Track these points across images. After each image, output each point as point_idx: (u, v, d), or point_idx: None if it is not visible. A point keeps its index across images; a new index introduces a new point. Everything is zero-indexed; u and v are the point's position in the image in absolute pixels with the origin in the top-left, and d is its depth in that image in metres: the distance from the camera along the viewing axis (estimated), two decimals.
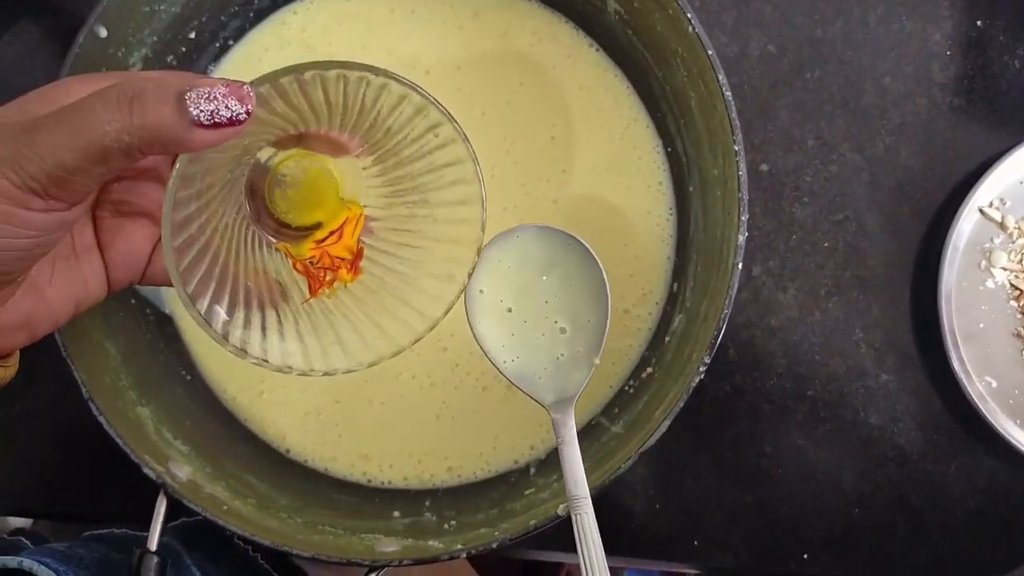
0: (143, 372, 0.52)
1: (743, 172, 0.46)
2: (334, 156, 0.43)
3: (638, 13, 0.51)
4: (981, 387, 0.57)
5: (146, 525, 0.46)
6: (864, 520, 0.59)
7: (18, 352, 0.39)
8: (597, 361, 0.44)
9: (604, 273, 0.44)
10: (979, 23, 0.60)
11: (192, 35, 0.54)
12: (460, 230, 0.41)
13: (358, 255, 0.42)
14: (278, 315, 0.40)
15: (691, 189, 0.54)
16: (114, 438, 0.46)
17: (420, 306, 0.41)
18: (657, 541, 0.58)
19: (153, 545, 0.45)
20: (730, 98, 0.46)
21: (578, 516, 0.40)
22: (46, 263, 0.36)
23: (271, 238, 0.42)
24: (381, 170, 0.42)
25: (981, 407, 0.56)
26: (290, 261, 0.42)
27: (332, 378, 0.55)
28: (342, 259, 0.42)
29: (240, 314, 0.39)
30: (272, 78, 0.34)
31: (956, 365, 0.56)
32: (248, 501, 0.50)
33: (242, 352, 0.38)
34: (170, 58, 0.54)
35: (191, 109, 0.29)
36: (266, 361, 0.38)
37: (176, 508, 0.46)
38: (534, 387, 0.44)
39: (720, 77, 0.46)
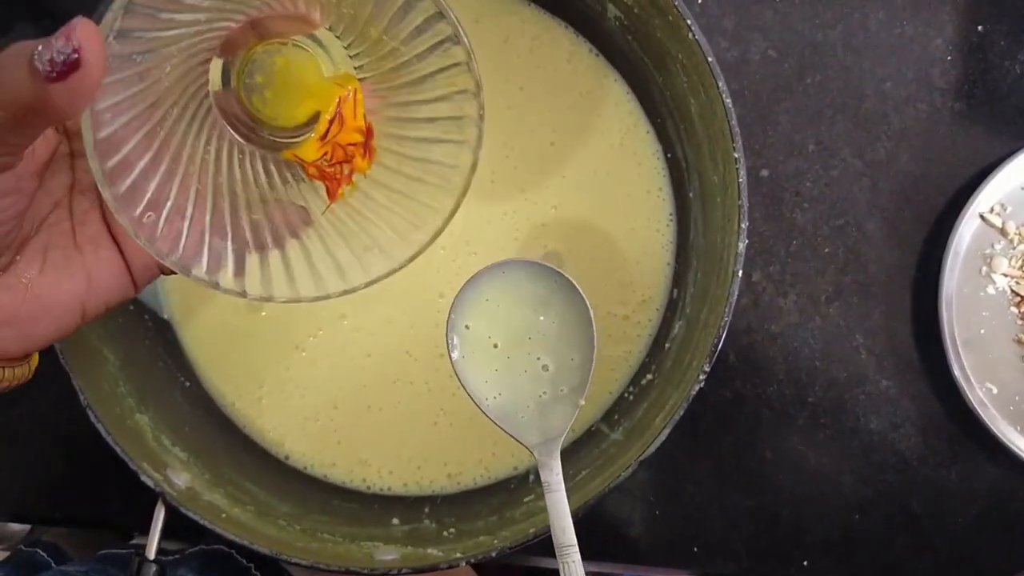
0: (142, 379, 0.52)
1: (743, 179, 0.46)
2: (303, 33, 0.37)
3: (638, 19, 0.51)
4: (982, 393, 0.57)
5: (146, 532, 0.46)
6: (865, 526, 0.58)
7: (34, 356, 0.37)
8: (582, 402, 0.42)
9: (591, 312, 0.42)
10: (980, 28, 0.60)
11: None
12: (456, 84, 0.36)
13: (369, 134, 0.37)
14: (299, 242, 0.36)
15: (691, 195, 0.54)
16: (112, 446, 0.45)
17: (442, 179, 0.37)
18: (657, 547, 0.58)
19: (151, 553, 0.45)
20: (730, 105, 0.46)
21: (566, 565, 0.39)
22: (34, 252, 0.34)
23: (274, 153, 0.38)
24: (354, 33, 0.37)
25: (982, 413, 0.56)
26: (302, 171, 0.38)
27: (330, 383, 0.55)
28: (354, 145, 0.37)
29: (254, 258, 0.35)
30: None
31: (957, 371, 0.56)
32: (247, 508, 0.50)
33: (265, 298, 0.34)
34: None
35: (36, 64, 0.26)
36: (297, 299, 0.34)
37: (176, 515, 0.46)
38: (518, 427, 0.42)
39: (720, 84, 0.46)
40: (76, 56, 0.26)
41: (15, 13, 0.60)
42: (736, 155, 0.46)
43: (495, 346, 0.43)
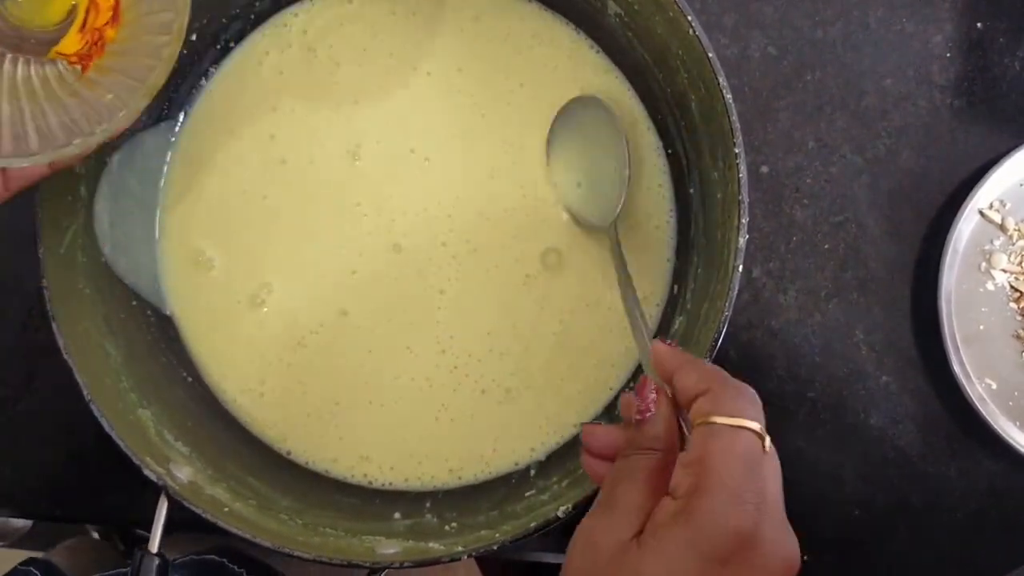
0: (144, 374, 0.52)
1: (743, 174, 0.46)
2: None
3: (638, 15, 0.51)
4: (981, 389, 0.57)
5: (147, 528, 0.46)
6: (865, 521, 0.59)
7: None
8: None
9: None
10: (979, 25, 0.60)
11: (193, 37, 0.54)
12: None
13: (116, 7, 0.39)
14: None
15: (691, 191, 0.54)
16: (115, 440, 0.46)
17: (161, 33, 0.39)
18: None
19: (154, 547, 0.45)
20: (730, 101, 0.46)
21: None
22: None
23: (39, 58, 0.40)
24: None
25: (981, 409, 0.56)
26: (66, 62, 0.40)
27: (331, 379, 0.56)
28: (107, 23, 0.39)
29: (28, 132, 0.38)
30: None
31: (956, 367, 0.56)
32: (249, 503, 0.50)
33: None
34: None
35: None
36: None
37: (178, 511, 0.46)
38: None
39: (720, 80, 0.46)
40: None
41: None
42: (736, 151, 0.46)
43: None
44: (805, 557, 0.58)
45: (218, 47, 0.57)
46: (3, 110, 0.38)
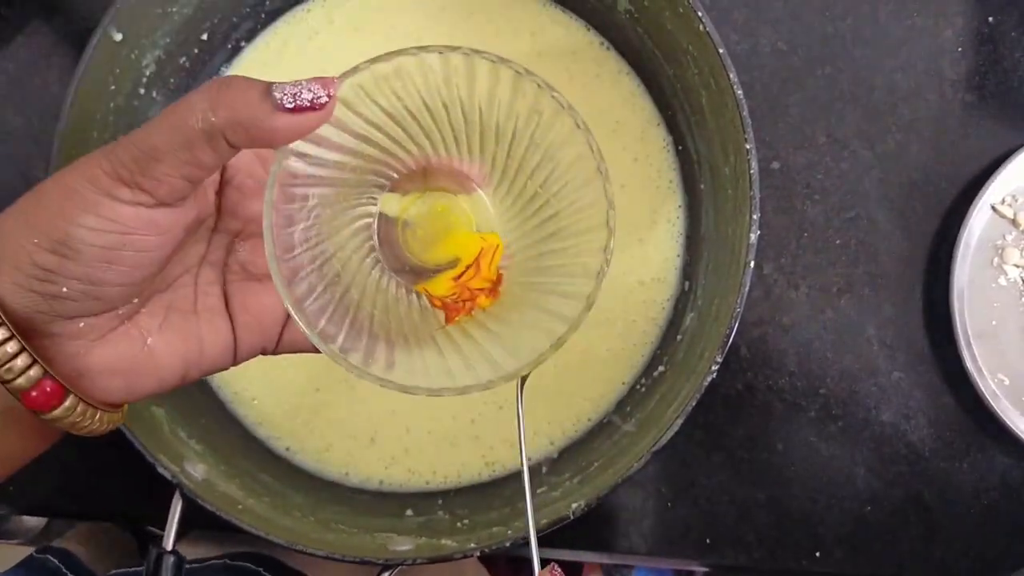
0: None
1: (755, 170, 0.46)
2: (464, 192, 0.42)
3: (648, 11, 0.51)
4: (993, 384, 0.57)
5: (161, 525, 0.46)
6: (876, 517, 0.58)
7: (125, 407, 0.36)
8: None
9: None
10: (990, 19, 0.60)
11: (204, 36, 0.55)
12: (590, 229, 0.38)
13: (497, 281, 0.41)
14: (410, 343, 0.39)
15: (702, 187, 0.54)
16: (130, 438, 0.46)
17: (558, 309, 0.38)
18: (668, 539, 0.58)
19: (169, 545, 0.45)
20: (741, 96, 0.46)
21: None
22: (158, 308, 0.35)
23: (409, 285, 0.41)
24: (509, 193, 0.41)
25: (993, 404, 0.56)
26: (428, 298, 0.41)
27: (350, 398, 0.56)
28: (481, 289, 0.41)
29: (380, 346, 0.37)
30: (352, 72, 0.33)
31: (968, 362, 0.56)
32: (262, 499, 0.50)
33: (387, 382, 0.35)
34: (183, 59, 0.55)
35: (275, 94, 0.30)
36: (409, 387, 0.35)
37: (193, 509, 0.46)
38: None
39: (731, 75, 0.46)
40: (325, 100, 0.31)
41: (29, 14, 0.60)
42: (748, 146, 0.46)
43: None
44: (817, 553, 0.58)
45: (229, 46, 0.57)
46: (363, 307, 0.38)
